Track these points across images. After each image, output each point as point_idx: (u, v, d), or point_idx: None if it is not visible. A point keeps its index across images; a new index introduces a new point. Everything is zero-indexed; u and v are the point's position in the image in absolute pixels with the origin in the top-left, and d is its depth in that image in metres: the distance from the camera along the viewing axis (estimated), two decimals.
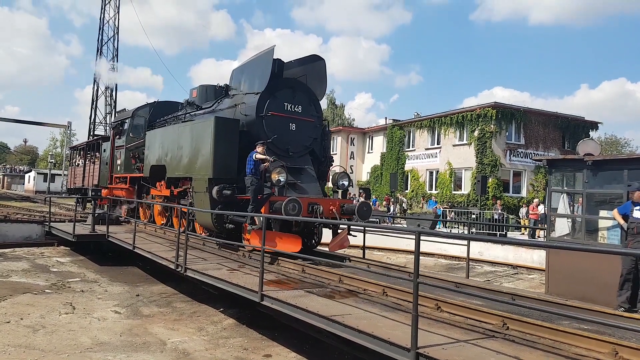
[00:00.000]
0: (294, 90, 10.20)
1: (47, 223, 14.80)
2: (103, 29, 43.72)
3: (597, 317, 4.94)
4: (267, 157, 8.83)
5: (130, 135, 14.81)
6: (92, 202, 15.08)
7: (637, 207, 7.12)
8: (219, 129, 9.35)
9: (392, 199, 30.05)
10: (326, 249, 9.88)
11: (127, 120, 15.28)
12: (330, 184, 10.90)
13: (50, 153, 60.82)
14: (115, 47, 44.21)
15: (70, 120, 51.44)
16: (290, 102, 10.07)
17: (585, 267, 7.68)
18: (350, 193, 11.30)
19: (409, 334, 4.10)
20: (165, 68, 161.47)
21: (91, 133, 42.20)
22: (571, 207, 9.68)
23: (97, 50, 43.83)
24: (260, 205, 8.53)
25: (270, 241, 8.04)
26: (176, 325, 7.44)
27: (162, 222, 13.06)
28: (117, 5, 43.99)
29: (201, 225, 10.54)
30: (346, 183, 10.14)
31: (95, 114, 44.46)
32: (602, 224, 8.72)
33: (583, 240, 8.73)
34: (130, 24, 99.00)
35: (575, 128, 30.13)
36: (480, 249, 15.53)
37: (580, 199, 9.18)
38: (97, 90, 44.48)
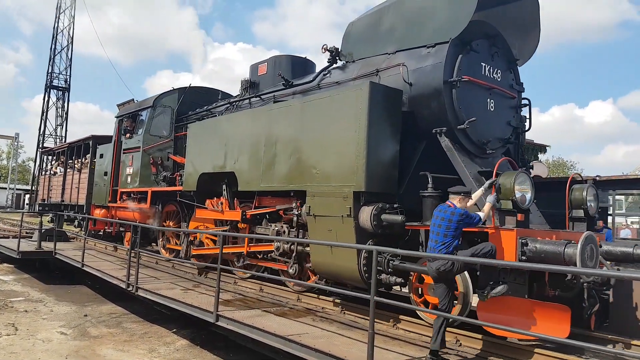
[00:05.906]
0: (491, 44, 6.26)
1: None
2: (56, 38, 42.54)
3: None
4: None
5: (150, 133, 11.18)
6: (40, 216, 14.22)
7: None
8: (376, 104, 5.48)
9: None
10: None
11: (143, 113, 11.50)
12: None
13: None
14: (69, 57, 43.07)
15: (17, 132, 49.26)
16: (488, 62, 6.18)
17: None
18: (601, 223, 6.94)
19: (365, 352, 4.12)
20: (120, 79, 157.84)
21: (40, 145, 40.60)
22: None
23: (50, 60, 42.51)
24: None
25: (519, 315, 4.61)
26: (126, 347, 7.17)
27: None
28: (72, 14, 42.98)
29: (323, 274, 6.32)
30: (594, 204, 5.84)
31: (45, 125, 42.81)
32: None
33: None
34: (84, 34, 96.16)
35: (525, 150, 31.47)
36: None
37: None
38: (48, 100, 42.95)
